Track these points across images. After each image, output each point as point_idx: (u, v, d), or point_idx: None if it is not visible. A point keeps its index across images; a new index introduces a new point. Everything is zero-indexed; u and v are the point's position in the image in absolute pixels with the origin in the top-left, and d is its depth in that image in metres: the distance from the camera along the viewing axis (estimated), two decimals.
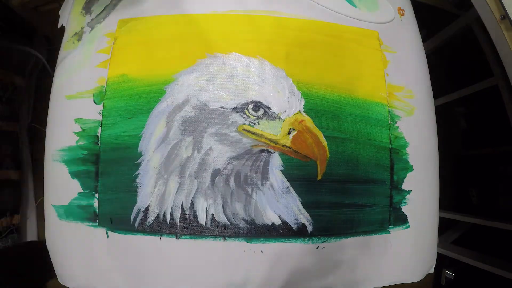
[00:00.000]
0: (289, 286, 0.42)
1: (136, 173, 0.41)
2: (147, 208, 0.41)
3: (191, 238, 0.41)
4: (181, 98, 0.42)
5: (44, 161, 0.45)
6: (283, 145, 0.42)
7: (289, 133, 0.42)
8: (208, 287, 0.42)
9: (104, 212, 0.41)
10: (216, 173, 0.41)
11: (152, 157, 0.41)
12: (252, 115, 0.42)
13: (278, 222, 0.41)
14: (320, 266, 0.43)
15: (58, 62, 0.48)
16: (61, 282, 0.43)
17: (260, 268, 0.42)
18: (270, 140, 0.42)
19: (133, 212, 0.41)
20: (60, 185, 0.43)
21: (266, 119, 0.42)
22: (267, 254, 0.41)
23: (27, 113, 1.11)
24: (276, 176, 0.42)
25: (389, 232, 0.45)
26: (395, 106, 0.48)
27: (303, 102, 0.43)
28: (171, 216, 0.41)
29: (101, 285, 0.42)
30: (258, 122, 0.42)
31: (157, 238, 0.41)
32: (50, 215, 0.43)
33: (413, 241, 0.47)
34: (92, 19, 0.48)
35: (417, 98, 0.49)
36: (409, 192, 0.46)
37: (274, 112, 0.42)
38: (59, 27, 0.51)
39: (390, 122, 0.47)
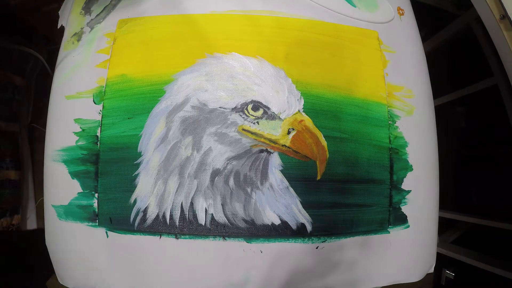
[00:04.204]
0: (289, 286, 0.42)
1: (136, 173, 0.41)
2: (147, 208, 0.41)
3: (190, 238, 0.41)
4: (181, 98, 0.42)
5: (44, 161, 0.45)
6: (283, 145, 0.42)
7: (288, 133, 0.42)
8: (207, 287, 0.42)
9: (103, 212, 0.41)
10: (215, 173, 0.41)
11: (151, 157, 0.41)
12: (251, 115, 0.42)
13: (277, 222, 0.41)
14: (320, 266, 0.43)
15: (58, 62, 0.48)
16: (60, 282, 0.43)
17: (259, 268, 0.42)
18: (270, 140, 0.42)
19: (132, 212, 0.41)
20: (60, 185, 0.43)
21: (266, 119, 0.42)
22: (267, 254, 0.41)
23: (27, 113, 1.11)
24: (276, 176, 0.42)
25: (389, 232, 0.45)
26: (395, 106, 0.48)
27: (302, 102, 0.43)
28: (171, 216, 0.41)
29: (100, 285, 0.42)
30: (258, 122, 0.42)
31: (156, 238, 0.41)
32: (50, 215, 0.43)
33: (412, 241, 0.47)
34: (91, 19, 0.48)
35: (416, 97, 0.49)
36: (408, 192, 0.46)
37: (273, 112, 0.42)
38: (58, 27, 0.51)
39: (389, 122, 0.47)
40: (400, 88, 0.49)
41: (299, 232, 0.42)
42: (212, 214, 0.41)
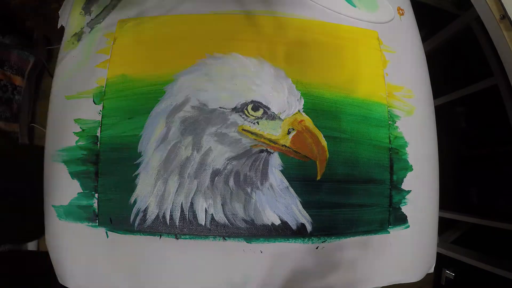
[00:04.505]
0: (289, 286, 0.42)
1: (136, 173, 0.41)
2: (147, 208, 0.41)
3: (190, 238, 0.41)
4: (181, 98, 0.42)
5: (44, 161, 0.45)
6: (283, 145, 0.42)
7: (288, 133, 0.42)
8: (207, 287, 0.42)
9: (103, 212, 0.41)
10: (215, 173, 0.41)
11: (151, 157, 0.41)
12: (251, 115, 0.42)
13: (277, 222, 0.41)
14: (320, 266, 0.43)
15: (58, 62, 0.48)
16: (61, 282, 0.43)
17: (259, 268, 0.42)
18: (270, 140, 0.42)
19: (132, 212, 0.41)
20: (60, 185, 0.43)
21: (266, 119, 0.42)
22: (267, 254, 0.42)
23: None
24: (276, 176, 0.42)
25: (389, 232, 0.45)
26: (395, 106, 0.48)
27: (302, 102, 0.43)
28: (171, 216, 0.41)
29: (100, 285, 0.42)
30: (258, 122, 0.42)
31: (156, 238, 0.41)
32: (50, 215, 0.43)
33: (412, 241, 0.47)
34: (91, 20, 0.48)
35: (416, 97, 0.49)
36: (408, 192, 0.46)
37: (273, 112, 0.42)
38: (58, 27, 0.51)
39: (389, 122, 0.47)
40: (400, 88, 0.49)
41: (299, 232, 0.42)
42: (212, 214, 0.41)
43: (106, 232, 0.41)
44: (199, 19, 0.47)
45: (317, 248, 0.43)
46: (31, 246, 1.09)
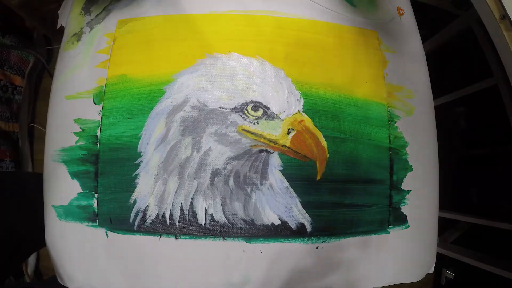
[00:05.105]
0: (289, 286, 0.42)
1: (136, 173, 0.41)
2: (147, 208, 0.41)
3: (190, 238, 0.41)
4: (180, 98, 0.42)
5: (44, 161, 0.45)
6: (283, 145, 0.42)
7: (288, 133, 0.42)
8: (207, 287, 0.42)
9: (103, 212, 0.41)
10: (215, 173, 0.41)
11: (151, 157, 0.41)
12: (251, 115, 0.42)
13: (277, 222, 0.41)
14: (320, 266, 0.43)
15: (57, 62, 0.48)
16: (61, 282, 0.43)
17: (259, 268, 0.42)
18: (270, 140, 0.42)
19: (132, 212, 0.41)
20: (60, 185, 0.43)
21: (266, 119, 0.42)
22: (267, 254, 0.42)
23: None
24: (276, 176, 0.42)
25: (389, 232, 0.45)
26: (395, 106, 0.48)
27: (302, 102, 0.43)
28: (171, 216, 0.41)
29: (100, 285, 0.42)
30: (258, 122, 0.42)
31: (156, 238, 0.41)
32: (50, 215, 0.43)
33: (412, 241, 0.47)
34: (91, 20, 0.48)
35: (416, 98, 0.49)
36: (408, 192, 0.46)
37: (273, 112, 0.42)
38: (58, 27, 0.51)
39: (389, 122, 0.47)
40: (400, 88, 0.49)
41: (299, 232, 0.42)
42: (212, 214, 0.41)
43: (106, 232, 0.41)
44: (199, 19, 0.47)
45: (317, 248, 0.43)
46: None
